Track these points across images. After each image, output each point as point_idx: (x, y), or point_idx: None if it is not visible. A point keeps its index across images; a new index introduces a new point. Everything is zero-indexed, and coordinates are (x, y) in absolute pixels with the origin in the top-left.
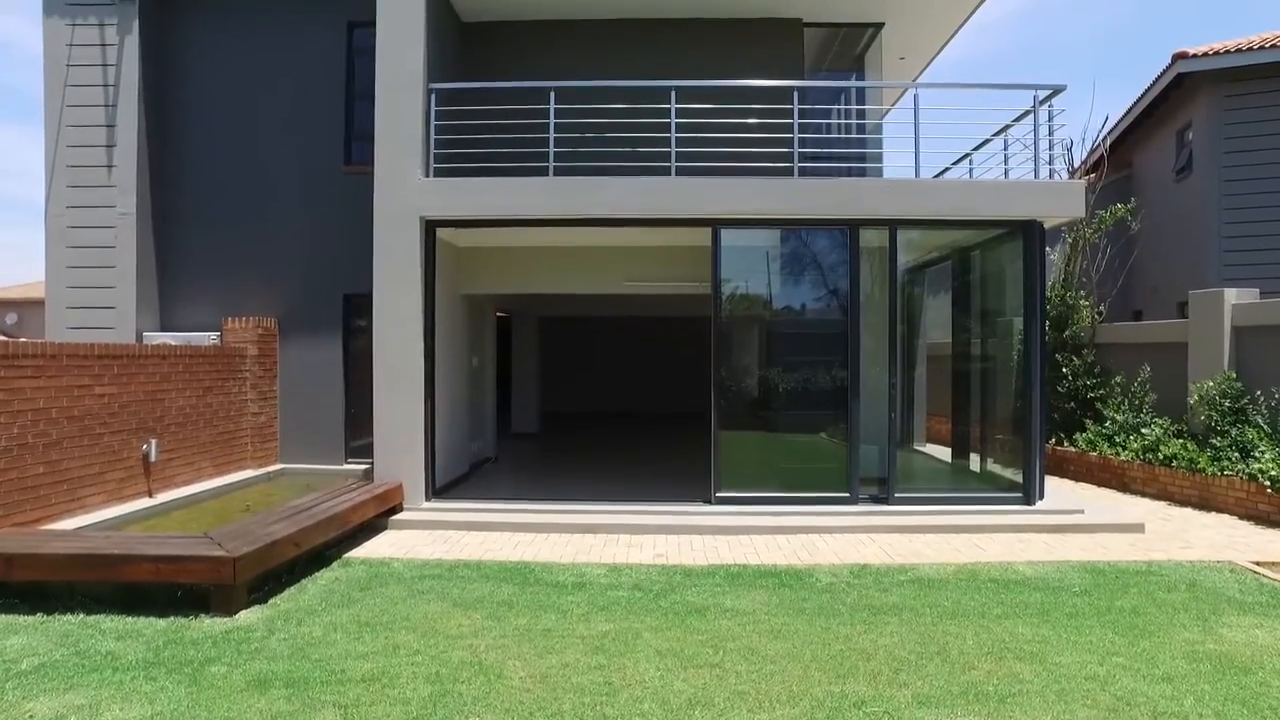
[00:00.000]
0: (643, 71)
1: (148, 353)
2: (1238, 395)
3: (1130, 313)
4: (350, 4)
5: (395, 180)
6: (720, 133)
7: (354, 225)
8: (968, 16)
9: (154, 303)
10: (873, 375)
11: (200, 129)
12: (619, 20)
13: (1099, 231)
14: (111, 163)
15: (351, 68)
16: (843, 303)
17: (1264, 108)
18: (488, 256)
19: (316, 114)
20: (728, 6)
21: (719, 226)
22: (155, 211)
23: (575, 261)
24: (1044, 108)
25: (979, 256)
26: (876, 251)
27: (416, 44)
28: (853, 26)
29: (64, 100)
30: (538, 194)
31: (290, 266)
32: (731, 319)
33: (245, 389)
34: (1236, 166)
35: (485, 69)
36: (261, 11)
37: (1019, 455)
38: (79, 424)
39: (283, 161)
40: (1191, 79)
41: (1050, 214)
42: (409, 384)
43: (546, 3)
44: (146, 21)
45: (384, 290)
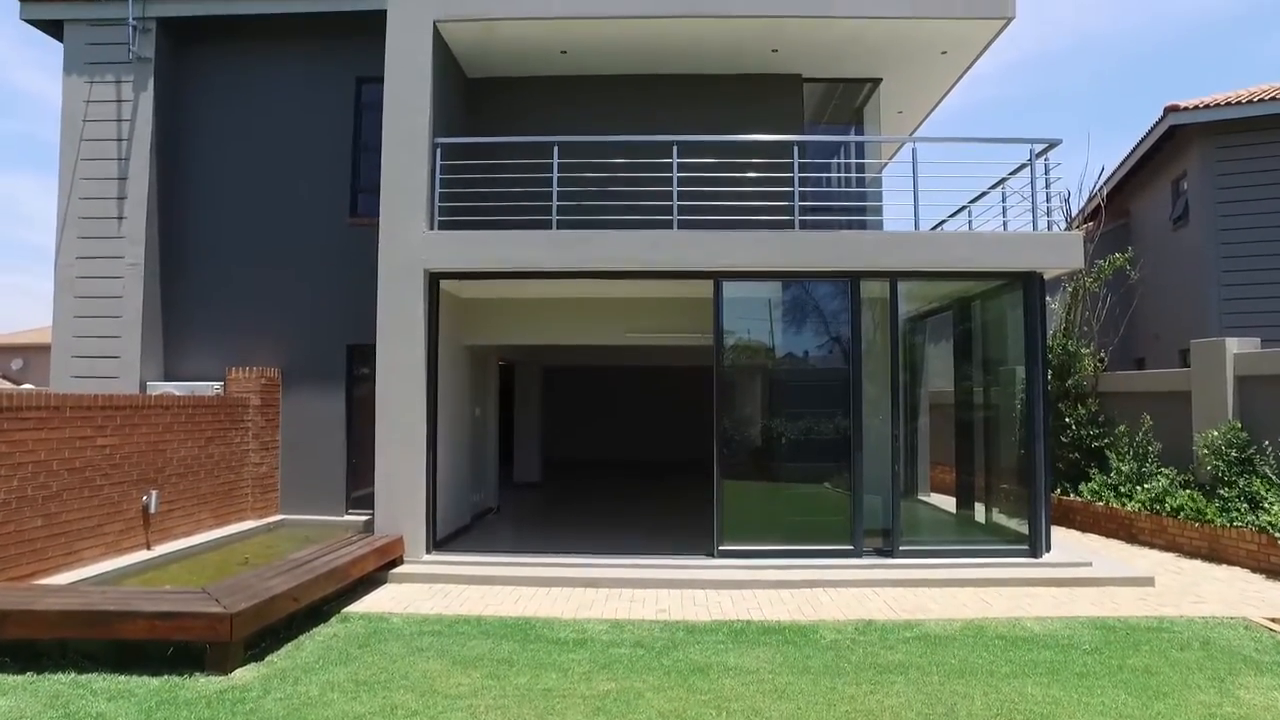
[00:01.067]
0: (645, 125)
1: (151, 403)
2: (1244, 445)
3: (1132, 360)
4: (359, 61)
5: (399, 233)
6: (721, 186)
7: (358, 276)
8: (963, 72)
9: (158, 352)
10: (875, 425)
11: (209, 181)
12: (621, 76)
13: (1098, 281)
14: (122, 214)
15: (359, 122)
16: (844, 352)
17: (1256, 159)
18: (491, 308)
19: (323, 167)
20: (728, 63)
21: (721, 279)
22: (163, 262)
23: (578, 313)
24: (1040, 161)
25: (979, 306)
26: (878, 302)
27: (423, 100)
28: (851, 82)
29: (79, 154)
30: (541, 246)
31: (294, 317)
32: (734, 369)
33: (247, 439)
34: (1232, 216)
35: (490, 123)
36: (272, 69)
37: (1024, 506)
38: (79, 475)
39: (289, 214)
40: (1184, 131)
41: (1049, 266)
42: (411, 436)
43: (550, 60)
44: (160, 78)
45: (387, 342)
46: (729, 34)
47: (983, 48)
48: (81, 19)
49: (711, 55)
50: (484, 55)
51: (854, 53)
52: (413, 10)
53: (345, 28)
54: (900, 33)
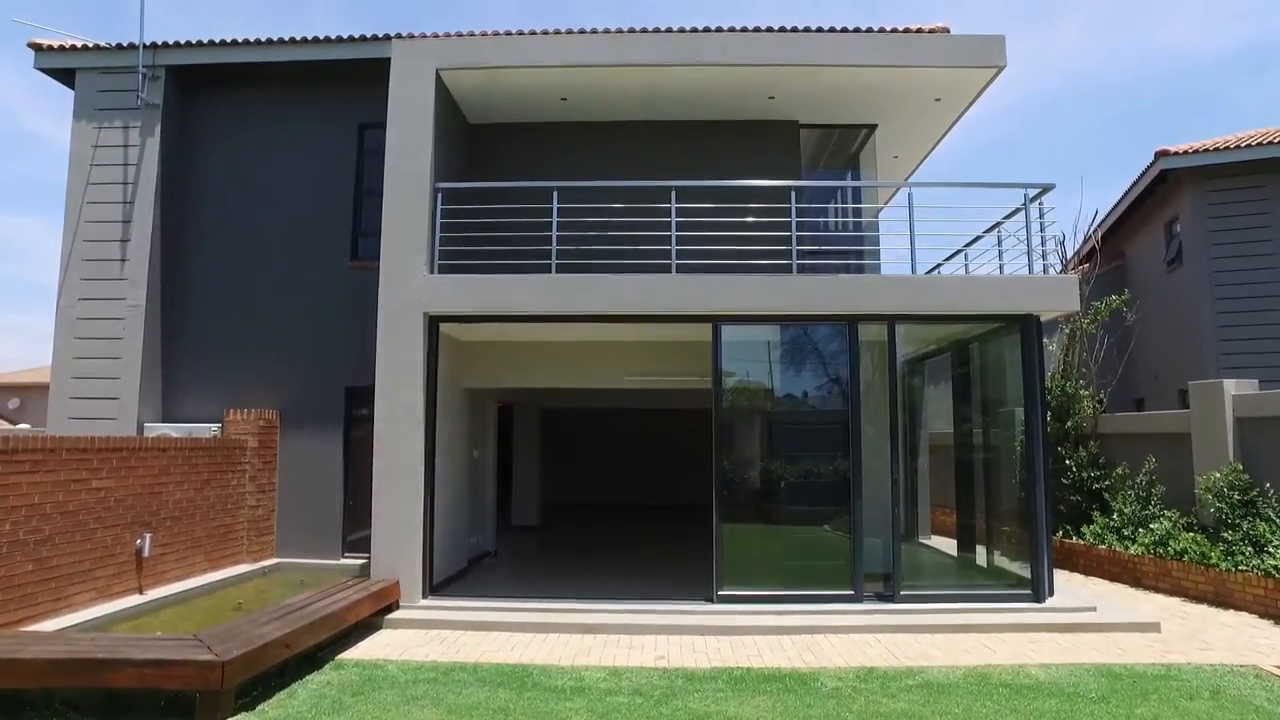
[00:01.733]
0: (644, 171)
1: (147, 445)
2: (1246, 487)
3: (1131, 400)
4: (362, 107)
5: (400, 277)
6: (720, 230)
7: (358, 319)
8: (956, 118)
9: (157, 393)
10: (875, 467)
11: (211, 224)
12: (621, 123)
13: (1095, 322)
14: (124, 256)
15: (361, 167)
16: (843, 394)
17: (1247, 202)
18: (490, 351)
19: (326, 211)
20: (726, 110)
21: (719, 322)
22: (164, 304)
23: (577, 356)
24: (1034, 205)
25: (978, 348)
26: (876, 344)
27: (424, 146)
28: (847, 127)
29: (84, 197)
30: (540, 291)
31: (294, 359)
32: (733, 412)
33: (244, 481)
34: (1225, 258)
35: (491, 168)
36: (277, 115)
37: (1026, 549)
38: (73, 519)
39: (291, 257)
40: (1175, 175)
41: (1046, 309)
42: (409, 479)
43: (551, 107)
44: (167, 124)
45: (386, 385)
46: (727, 82)
47: (975, 95)
48: (93, 67)
49: (709, 102)
50: (485, 102)
51: (849, 100)
52: (416, 59)
53: (349, 75)
54: (894, 81)
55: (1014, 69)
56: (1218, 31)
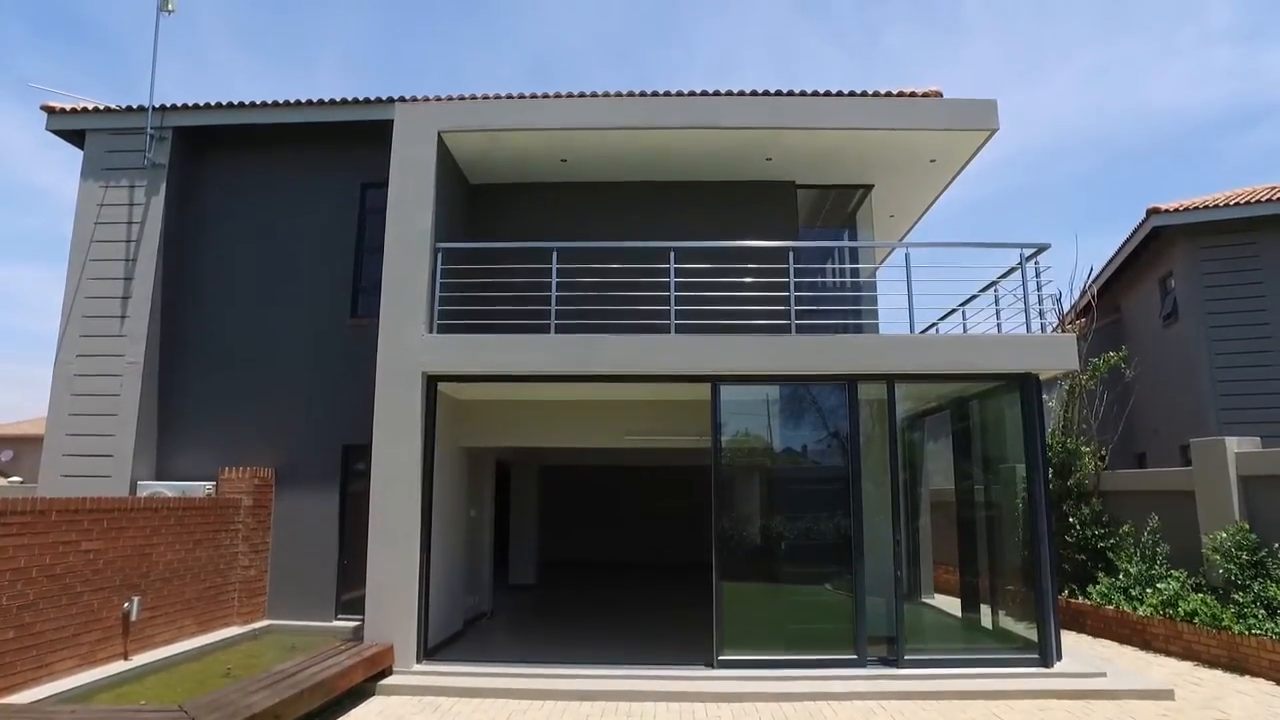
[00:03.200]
0: (642, 231)
1: (139, 505)
2: (1254, 548)
3: (1133, 455)
4: (364, 167)
5: (399, 336)
6: (718, 291)
7: (356, 376)
8: (951, 179)
9: (152, 451)
10: (876, 525)
11: (213, 282)
12: (620, 183)
13: (1094, 378)
14: (125, 313)
15: (362, 225)
16: (844, 453)
17: (1239, 259)
18: (489, 409)
19: (327, 269)
20: (724, 171)
21: (718, 382)
22: (163, 361)
23: (576, 415)
24: (1030, 264)
25: (977, 406)
26: (875, 403)
27: (425, 206)
28: (843, 188)
29: (88, 254)
30: (539, 351)
31: (291, 417)
32: (732, 470)
33: (237, 541)
34: (1221, 314)
35: (491, 227)
36: (281, 174)
37: (1032, 609)
38: (59, 583)
39: (291, 314)
40: (1168, 231)
41: (1044, 367)
42: (405, 540)
43: (551, 168)
44: (172, 183)
45: (383, 444)
46: (724, 144)
47: (969, 157)
48: (103, 128)
49: (708, 164)
50: (486, 163)
51: (845, 161)
52: (418, 121)
53: (352, 135)
54: (888, 143)
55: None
56: (1203, 88)
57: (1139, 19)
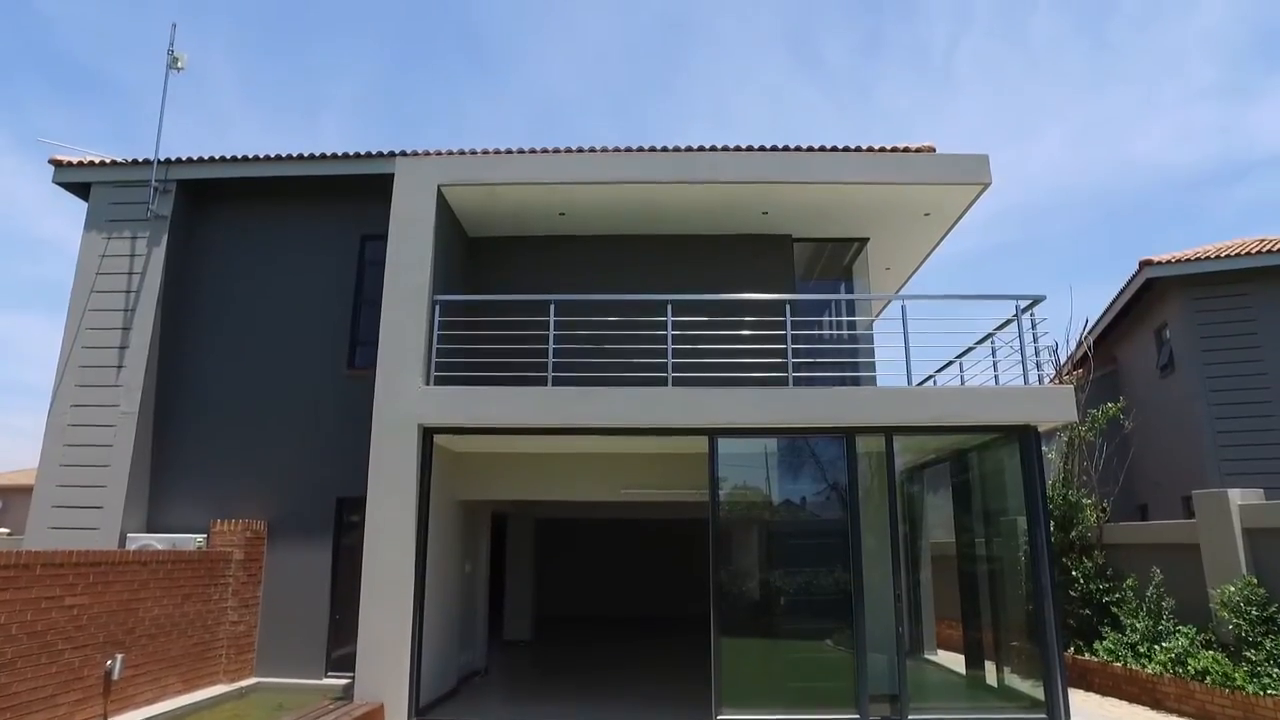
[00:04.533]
0: (640, 284)
1: (127, 559)
2: (1263, 603)
3: (1135, 507)
4: (364, 220)
5: (396, 387)
6: (715, 343)
7: (352, 428)
8: (946, 232)
9: (143, 503)
10: (876, 579)
11: (211, 332)
12: (618, 236)
13: (1093, 430)
14: (122, 363)
15: (361, 277)
16: (842, 505)
17: (1233, 310)
18: (485, 462)
19: (325, 320)
20: (721, 224)
21: (715, 436)
22: (158, 411)
23: (572, 468)
24: (1026, 315)
25: (977, 457)
26: (874, 455)
27: (424, 259)
28: (839, 241)
29: (87, 304)
30: (536, 404)
31: (285, 468)
32: (730, 523)
33: (226, 596)
34: (1217, 364)
35: (489, 279)
36: (281, 226)
37: (1037, 666)
38: (40, 640)
39: (288, 365)
40: (1161, 283)
41: (1043, 419)
42: (398, 596)
43: (549, 221)
44: (174, 234)
45: (378, 498)
46: (721, 198)
47: (963, 210)
48: (108, 181)
49: (704, 217)
50: (485, 216)
51: (841, 215)
52: (418, 175)
53: (353, 189)
54: (883, 197)
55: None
56: (1188, 144)
57: (1124, 77)
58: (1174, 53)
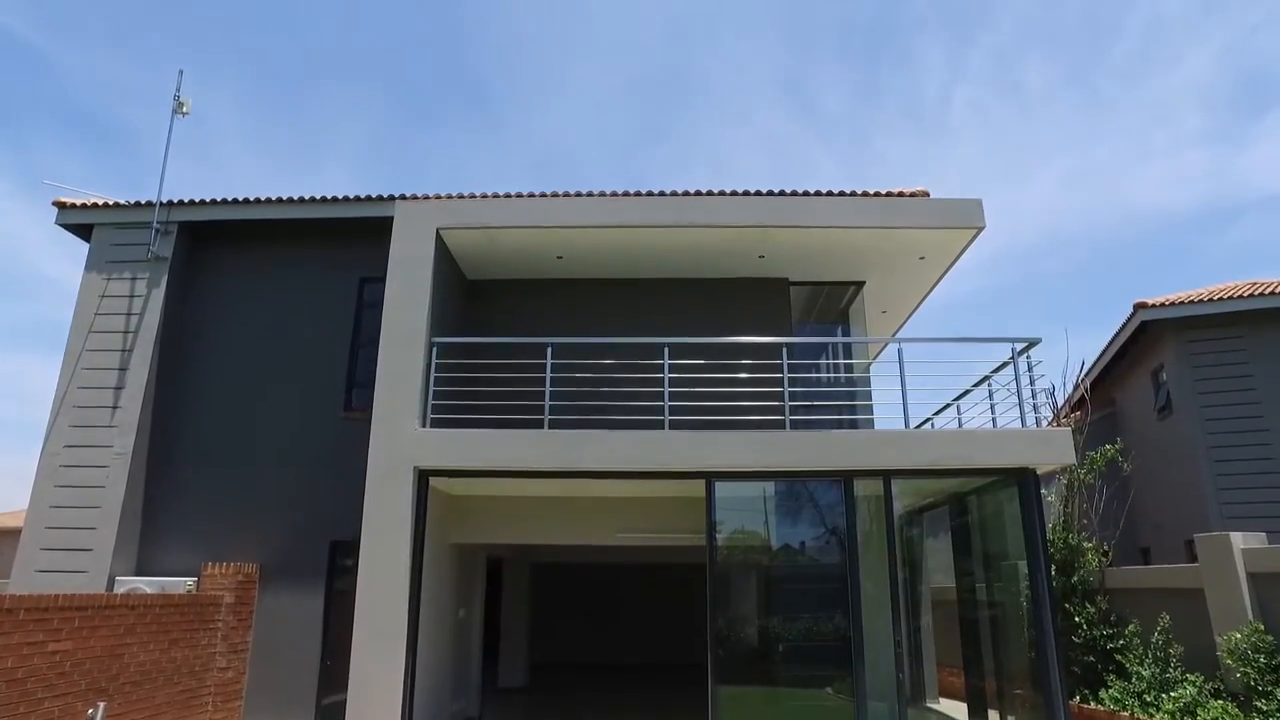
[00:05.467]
0: (637, 327)
1: (114, 602)
2: (1272, 650)
3: (1137, 551)
4: (364, 262)
5: (392, 430)
6: (712, 386)
7: (347, 470)
8: (941, 275)
9: (134, 545)
10: (877, 625)
11: (208, 374)
12: (615, 280)
13: (1092, 472)
14: (117, 404)
15: (359, 319)
16: (841, 549)
17: (1228, 352)
18: (481, 505)
19: (322, 362)
20: (718, 268)
21: (713, 478)
22: (151, 452)
23: (568, 511)
24: (1022, 358)
25: (976, 501)
26: (872, 499)
27: (422, 302)
28: (836, 284)
29: (84, 344)
30: (532, 446)
31: (279, 511)
32: (728, 569)
33: (215, 641)
34: (1215, 407)
35: (486, 322)
36: (281, 267)
37: (1042, 715)
38: (19, 688)
39: (285, 407)
40: (1156, 325)
41: (1041, 462)
42: (391, 641)
43: (547, 264)
44: (174, 275)
45: (372, 541)
46: (717, 242)
47: (958, 254)
48: (110, 222)
49: (701, 261)
50: (483, 259)
51: (837, 259)
52: (417, 218)
53: (353, 232)
54: (879, 241)
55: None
56: (1180, 190)
57: (1115, 123)
58: (1162, 101)
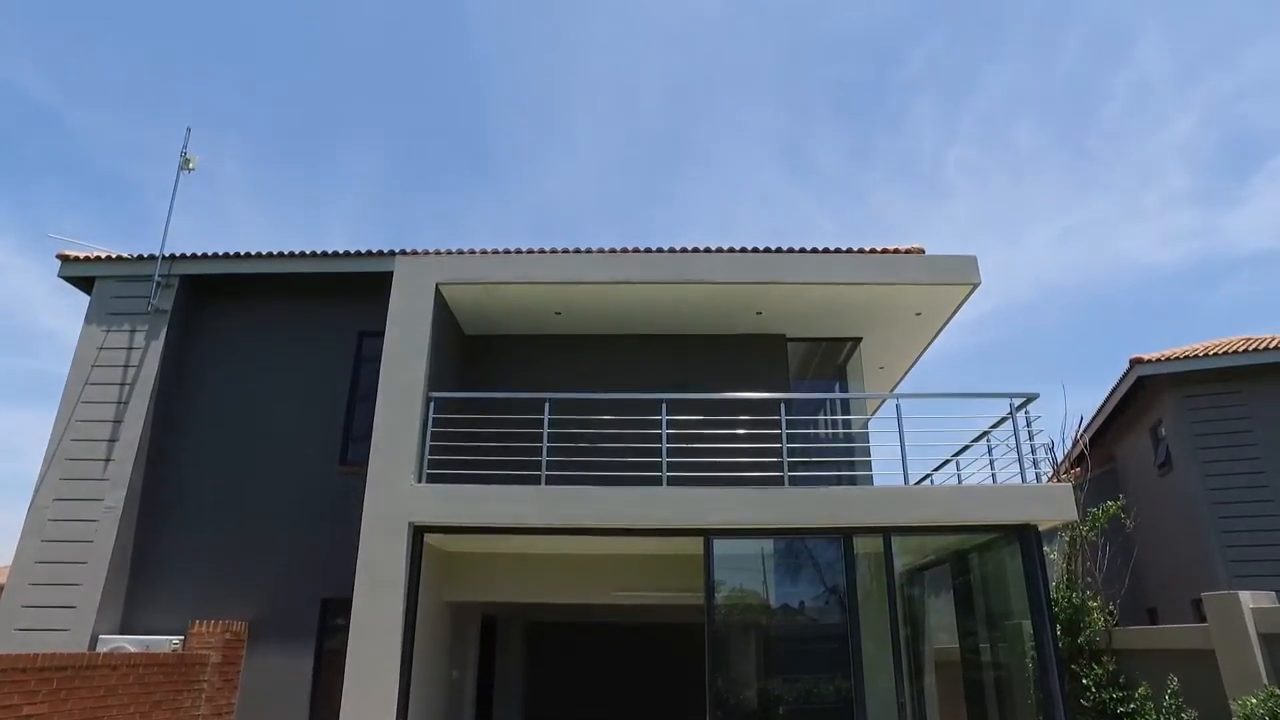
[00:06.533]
0: (635, 382)
1: (95, 662)
2: None
3: (1144, 611)
4: (363, 316)
5: (388, 485)
6: (710, 442)
7: (341, 526)
8: (938, 331)
9: (119, 602)
10: (879, 687)
11: (203, 426)
12: (613, 335)
13: (1094, 529)
14: (110, 456)
15: (357, 373)
16: (841, 608)
17: (1226, 407)
18: (476, 562)
19: (319, 416)
20: (715, 324)
21: (711, 536)
22: (143, 507)
23: (565, 569)
24: (1021, 413)
25: (977, 558)
26: (873, 556)
27: (420, 357)
28: (833, 340)
29: (80, 396)
30: (529, 503)
31: (271, 567)
32: (727, 628)
33: (199, 702)
34: (1216, 463)
35: (484, 376)
36: (281, 321)
37: None
38: None
39: (280, 461)
40: (1153, 381)
41: (1042, 518)
42: (382, 702)
43: (545, 320)
44: (173, 328)
45: (365, 598)
46: (715, 298)
47: (953, 310)
48: (112, 275)
49: (699, 317)
50: (482, 314)
51: (834, 315)
52: (417, 273)
53: (353, 286)
54: (875, 297)
55: (990, 278)
56: (1171, 247)
57: (1105, 183)
58: (1150, 162)
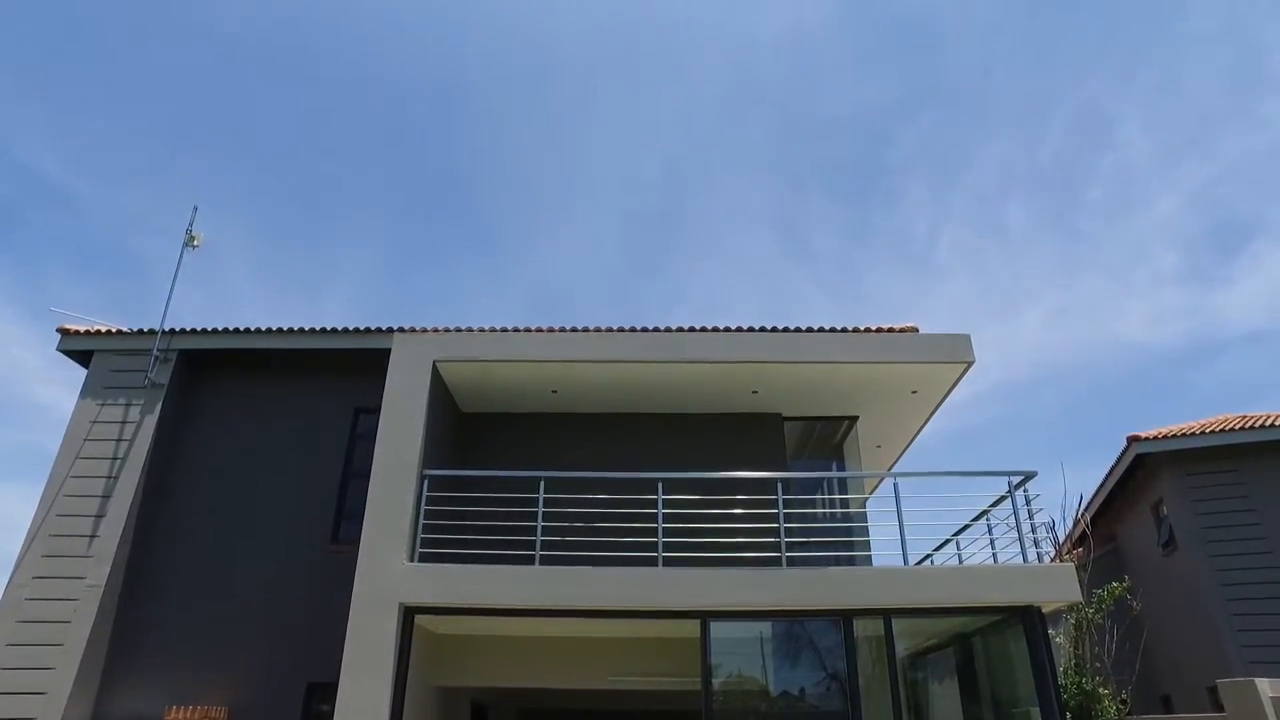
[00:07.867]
0: (630, 461)
1: None
2: None
3: (1158, 698)
4: (360, 392)
5: (379, 564)
6: (707, 522)
7: (330, 607)
8: (934, 409)
9: (93, 687)
10: None
11: (194, 501)
12: (609, 414)
13: (1100, 611)
14: (96, 533)
15: (351, 450)
16: (843, 696)
17: (1226, 485)
18: (467, 645)
19: (311, 493)
20: (711, 403)
21: (708, 618)
22: (125, 585)
23: (558, 653)
24: (1020, 492)
25: (980, 642)
26: (874, 640)
27: (416, 435)
28: (829, 419)
29: (69, 471)
30: (523, 583)
31: (254, 649)
32: (724, 714)
33: None
34: (1221, 542)
35: (479, 454)
36: (277, 396)
37: None
38: None
39: (269, 539)
40: (1152, 459)
41: (1045, 599)
42: None
43: (541, 398)
44: (169, 402)
45: (351, 682)
46: (710, 377)
47: (949, 388)
48: (110, 349)
49: (694, 396)
50: (478, 392)
51: (829, 393)
52: (414, 351)
53: (350, 363)
54: (870, 376)
55: (986, 357)
56: (1163, 326)
57: (1096, 263)
58: (1139, 241)
